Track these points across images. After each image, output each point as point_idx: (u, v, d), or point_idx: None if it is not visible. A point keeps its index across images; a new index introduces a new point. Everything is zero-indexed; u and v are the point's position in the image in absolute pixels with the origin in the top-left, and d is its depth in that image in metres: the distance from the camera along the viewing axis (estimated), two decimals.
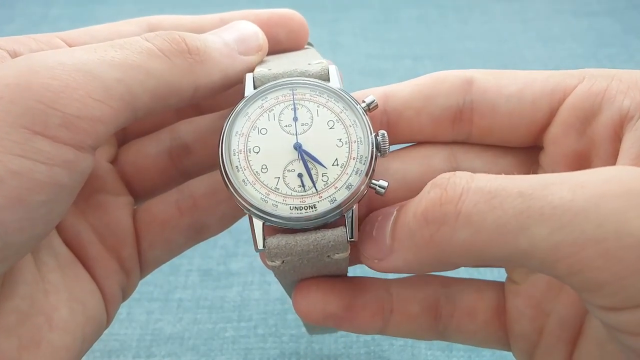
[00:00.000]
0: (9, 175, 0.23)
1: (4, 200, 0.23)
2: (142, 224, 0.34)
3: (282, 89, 0.30)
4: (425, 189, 0.24)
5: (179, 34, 0.28)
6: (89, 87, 0.24)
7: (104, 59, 0.25)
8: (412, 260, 0.25)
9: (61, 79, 0.24)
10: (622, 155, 0.26)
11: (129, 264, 0.33)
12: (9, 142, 0.23)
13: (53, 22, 0.80)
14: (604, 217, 0.20)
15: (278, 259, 0.28)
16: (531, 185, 0.22)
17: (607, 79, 0.28)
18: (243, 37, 0.31)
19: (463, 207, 0.22)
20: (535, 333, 0.30)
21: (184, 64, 0.28)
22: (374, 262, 0.28)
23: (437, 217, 0.23)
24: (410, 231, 0.24)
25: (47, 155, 0.23)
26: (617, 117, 0.27)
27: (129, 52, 0.26)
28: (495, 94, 0.30)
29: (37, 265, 0.28)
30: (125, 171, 0.35)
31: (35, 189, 0.23)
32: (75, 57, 0.25)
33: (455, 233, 0.23)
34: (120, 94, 0.25)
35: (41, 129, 0.23)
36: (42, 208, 0.24)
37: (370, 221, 0.28)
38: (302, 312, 0.30)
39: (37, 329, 0.27)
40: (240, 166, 0.28)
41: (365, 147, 0.29)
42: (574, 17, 0.80)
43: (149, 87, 0.26)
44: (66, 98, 0.24)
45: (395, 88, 0.31)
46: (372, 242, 0.28)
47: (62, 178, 0.24)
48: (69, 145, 0.24)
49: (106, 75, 0.25)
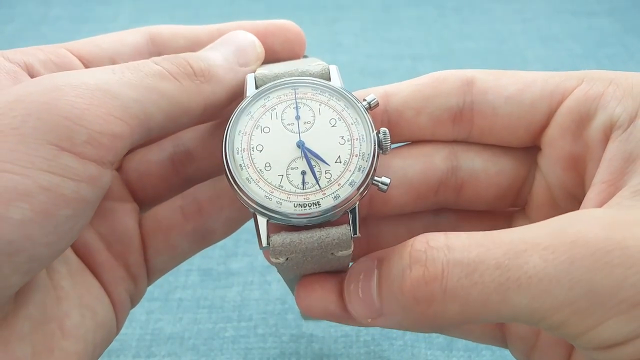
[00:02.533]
0: (39, 191, 0.23)
1: (34, 215, 0.23)
2: (148, 230, 0.34)
3: (284, 88, 0.30)
4: (405, 261, 0.25)
5: (183, 57, 0.29)
6: (110, 106, 0.25)
7: (122, 80, 0.26)
8: (406, 325, 0.27)
9: (85, 97, 0.25)
10: (602, 169, 0.26)
11: (135, 271, 0.33)
12: (37, 159, 0.23)
13: (53, 22, 0.80)
14: (575, 282, 0.22)
15: (282, 256, 0.28)
16: (506, 255, 0.23)
17: (605, 83, 0.28)
18: (241, 48, 0.32)
19: (448, 284, 0.24)
20: (533, 335, 0.30)
21: (191, 85, 0.29)
22: (367, 321, 0.28)
23: (425, 296, 0.24)
24: (401, 304, 0.25)
25: (74, 172, 0.24)
26: (608, 124, 0.27)
27: (144, 74, 0.27)
28: (495, 95, 0.30)
29: (49, 273, 0.29)
30: (130, 178, 0.35)
31: (63, 204, 0.24)
32: (97, 78, 0.26)
33: (446, 308, 0.24)
34: (136, 113, 0.26)
35: (68, 146, 0.24)
36: (68, 223, 0.25)
37: (353, 279, 0.28)
38: (304, 309, 0.31)
39: (50, 336, 0.27)
40: (243, 164, 0.28)
41: (368, 145, 0.29)
42: (574, 17, 0.80)
43: (162, 108, 0.27)
44: (90, 115, 0.25)
45: (396, 88, 0.31)
46: (360, 303, 0.28)
47: (87, 193, 0.25)
48: (92, 161, 0.25)
49: (124, 95, 0.26)
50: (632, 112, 0.26)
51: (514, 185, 0.32)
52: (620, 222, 0.23)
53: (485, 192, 0.32)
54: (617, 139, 0.26)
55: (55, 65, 0.30)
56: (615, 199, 0.25)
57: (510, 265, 0.23)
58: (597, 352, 0.23)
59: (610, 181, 0.26)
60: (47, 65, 0.30)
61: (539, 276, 0.22)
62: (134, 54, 0.33)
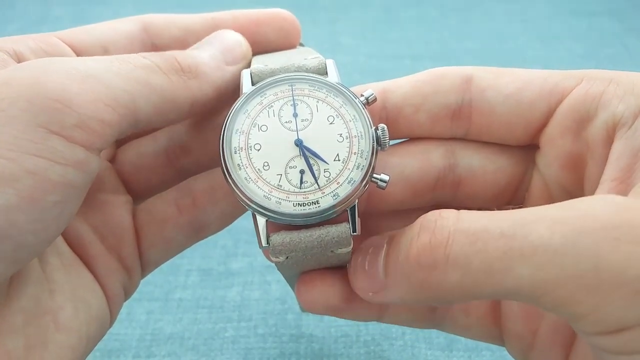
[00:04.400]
0: (25, 175, 0.23)
1: (19, 200, 0.23)
2: (142, 222, 0.34)
3: (281, 85, 0.30)
4: (415, 230, 0.25)
5: (171, 53, 0.29)
6: (100, 92, 0.25)
7: (111, 70, 0.26)
8: (407, 297, 0.26)
9: (76, 81, 0.25)
10: (609, 167, 0.26)
11: (129, 263, 0.33)
12: (25, 142, 0.23)
13: (53, 22, 0.80)
14: (581, 254, 0.21)
15: (282, 255, 0.28)
16: (512, 225, 0.23)
17: (604, 82, 0.28)
18: (227, 47, 0.32)
19: (451, 251, 0.23)
20: (530, 334, 0.30)
21: (179, 80, 0.29)
22: (368, 294, 0.28)
23: (428, 262, 0.24)
24: (404, 272, 0.25)
25: (62, 155, 0.24)
26: (610, 122, 0.27)
27: (133, 66, 0.27)
28: (494, 93, 0.30)
29: (41, 265, 0.28)
30: (124, 171, 0.35)
31: (49, 189, 0.24)
32: (88, 65, 0.26)
33: (446, 276, 0.23)
34: (125, 102, 0.26)
35: (57, 128, 0.24)
36: (55, 209, 0.24)
37: (361, 253, 0.29)
38: (305, 304, 0.31)
39: (43, 329, 0.27)
40: (241, 164, 0.28)
41: (366, 142, 0.29)
42: (574, 17, 0.80)
43: (150, 100, 0.27)
44: (81, 100, 0.24)
45: (394, 84, 0.31)
46: (365, 276, 0.28)
47: (74, 178, 0.25)
48: (81, 145, 0.24)
49: (114, 84, 0.26)
50: (635, 109, 0.26)
51: (511, 183, 0.32)
52: (632, 205, 0.22)
53: (483, 189, 0.32)
54: (622, 136, 0.26)
55: (46, 53, 0.30)
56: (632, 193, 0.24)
57: (516, 234, 0.22)
58: (603, 337, 0.22)
59: (619, 178, 0.25)
60: (37, 53, 0.29)
61: (544, 246, 0.22)
62: (126, 42, 0.33)
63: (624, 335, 0.22)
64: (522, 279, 0.22)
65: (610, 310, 0.21)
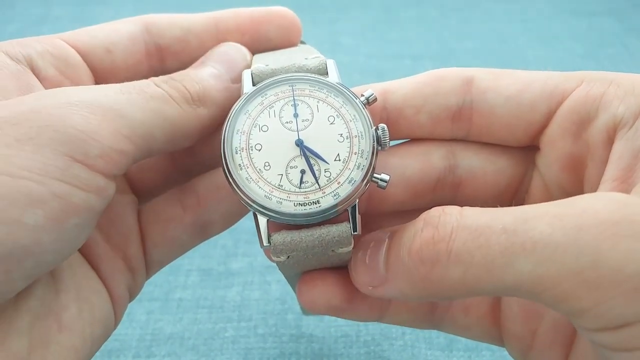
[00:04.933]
0: (52, 198, 0.24)
1: (46, 222, 0.24)
2: (147, 223, 0.34)
3: (282, 85, 0.30)
4: (418, 225, 0.25)
5: (180, 81, 0.30)
6: (120, 124, 0.26)
7: (130, 101, 0.27)
8: (408, 291, 0.26)
9: (98, 114, 0.26)
10: (610, 167, 0.26)
11: (134, 263, 0.33)
12: (52, 168, 0.24)
13: (53, 22, 0.80)
14: (581, 250, 0.21)
15: (283, 254, 0.28)
16: (514, 221, 0.23)
17: (605, 83, 0.28)
18: (233, 64, 0.32)
19: (454, 246, 0.23)
20: (529, 335, 0.30)
21: (189, 109, 0.29)
22: (368, 288, 0.28)
23: (431, 257, 0.24)
24: (405, 266, 0.25)
25: (85, 182, 0.25)
26: (611, 124, 0.27)
27: (149, 97, 0.28)
28: (495, 94, 0.30)
29: None
30: (129, 171, 0.35)
31: (73, 212, 0.25)
32: (108, 96, 0.27)
33: (448, 271, 0.24)
34: (142, 133, 0.27)
35: (82, 158, 0.25)
36: (75, 231, 0.26)
37: (362, 247, 0.29)
38: (306, 304, 0.31)
39: (46, 330, 0.27)
40: (242, 164, 0.28)
41: (366, 142, 0.29)
42: (574, 17, 0.80)
43: (164, 130, 0.28)
44: (103, 131, 0.26)
45: (396, 85, 0.31)
46: (365, 269, 0.28)
47: (94, 203, 0.26)
48: (101, 173, 0.26)
49: (132, 116, 0.27)
50: (636, 110, 0.26)
51: (511, 185, 0.32)
52: (631, 201, 0.23)
53: (483, 191, 0.32)
54: (623, 137, 0.26)
55: (52, 57, 0.30)
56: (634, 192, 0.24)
57: (517, 230, 0.22)
58: (603, 334, 0.22)
59: (620, 178, 0.26)
60: (44, 57, 0.30)
61: (545, 242, 0.22)
62: (128, 43, 0.33)
63: (624, 332, 0.22)
64: (523, 275, 0.22)
65: (610, 306, 0.21)
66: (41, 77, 0.30)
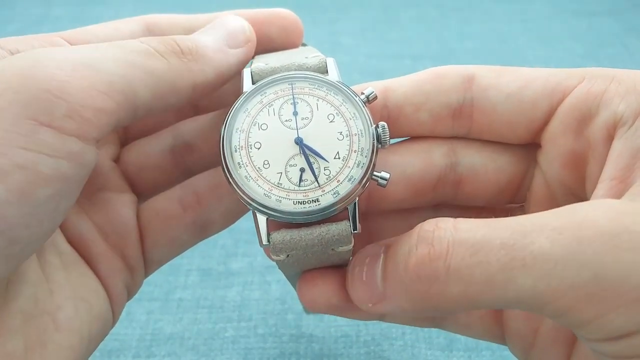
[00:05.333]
0: (14, 169, 0.22)
1: (9, 195, 0.22)
2: (146, 221, 0.34)
3: (281, 83, 0.30)
4: (413, 241, 0.25)
5: (171, 37, 0.29)
6: (94, 80, 0.24)
7: (106, 56, 0.26)
8: (407, 307, 0.26)
9: (67, 69, 0.24)
10: (609, 166, 0.26)
11: (133, 262, 0.33)
12: (14, 135, 0.22)
13: (53, 23, 0.80)
14: (582, 264, 0.21)
15: (283, 253, 0.28)
16: (512, 235, 0.23)
17: (606, 80, 0.28)
18: (230, 31, 0.32)
19: (452, 262, 0.23)
20: (531, 333, 0.30)
21: (179, 63, 0.28)
22: (368, 305, 0.28)
23: (428, 274, 0.24)
24: (403, 284, 0.25)
25: (53, 147, 0.23)
26: (611, 121, 0.27)
27: (129, 51, 0.26)
28: (496, 91, 0.30)
29: (41, 265, 0.28)
30: (128, 170, 0.35)
31: (41, 182, 0.23)
32: (80, 53, 0.25)
33: (448, 288, 0.23)
34: (122, 88, 0.25)
35: (47, 120, 0.23)
36: (48, 203, 0.24)
37: (358, 263, 0.28)
38: (307, 303, 0.31)
39: (42, 329, 0.27)
40: (242, 162, 0.28)
41: (366, 140, 0.29)
42: (574, 17, 0.80)
43: (149, 85, 0.26)
44: (71, 88, 0.24)
45: (396, 83, 0.31)
46: (363, 287, 0.28)
47: (67, 171, 0.24)
48: (73, 136, 0.24)
49: (109, 70, 0.25)
50: (636, 109, 0.26)
51: (513, 182, 0.31)
52: (630, 209, 0.23)
53: (484, 188, 0.31)
54: (622, 135, 0.26)
55: None
56: (627, 195, 0.24)
57: (516, 245, 0.22)
58: (604, 343, 0.22)
59: (618, 178, 0.25)
60: None
61: (545, 257, 0.22)
62: None
63: (624, 342, 0.22)
64: (524, 290, 0.22)
65: (611, 318, 0.21)
66: None
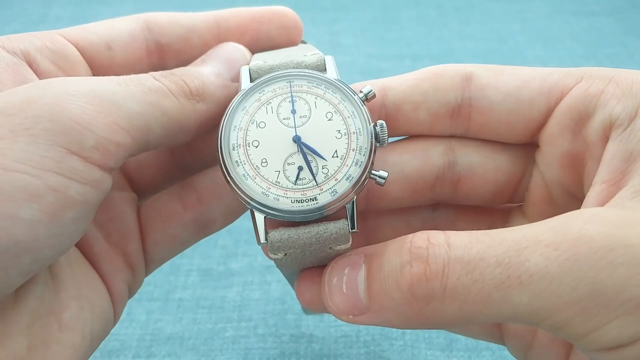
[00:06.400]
0: (48, 192, 0.24)
1: (42, 216, 0.24)
2: (147, 220, 0.34)
3: (279, 81, 0.30)
4: (404, 257, 0.24)
5: (180, 75, 0.30)
6: (116, 116, 0.26)
7: (127, 93, 0.27)
8: (397, 323, 0.26)
9: (95, 104, 0.25)
10: (602, 168, 0.26)
11: (134, 260, 0.33)
12: (49, 160, 0.24)
13: (53, 23, 0.80)
14: (578, 281, 0.22)
15: (281, 251, 0.28)
16: (507, 252, 0.23)
17: (604, 80, 0.27)
18: (232, 62, 0.32)
19: (448, 282, 0.23)
20: (529, 333, 0.30)
21: (188, 104, 0.29)
22: (348, 317, 0.27)
23: (424, 294, 0.24)
24: (394, 300, 0.25)
25: (81, 174, 0.25)
26: (607, 122, 0.27)
27: (147, 89, 0.28)
28: (494, 91, 0.30)
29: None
30: (129, 168, 0.35)
31: (69, 205, 0.24)
32: (105, 87, 0.27)
33: (444, 307, 0.24)
34: (139, 125, 0.27)
35: (77, 149, 0.25)
36: (72, 225, 0.25)
37: (335, 272, 0.28)
38: (305, 302, 0.31)
39: (47, 329, 0.27)
40: (240, 161, 0.28)
41: (365, 138, 0.29)
42: (574, 17, 0.80)
43: (162, 123, 0.28)
44: (99, 122, 0.25)
45: (394, 81, 0.31)
46: (343, 298, 0.27)
47: (91, 196, 0.25)
48: (97, 165, 0.25)
49: (130, 108, 0.27)
50: (632, 111, 0.26)
51: (511, 182, 0.31)
52: (623, 221, 0.23)
53: (482, 187, 0.31)
54: (616, 138, 0.26)
55: (50, 51, 0.30)
56: (616, 199, 0.24)
57: (511, 262, 0.23)
58: (600, 353, 0.23)
59: (610, 181, 0.26)
60: (42, 51, 0.30)
61: (541, 274, 0.22)
62: (129, 40, 0.33)
63: (620, 352, 0.22)
64: (520, 307, 0.23)
65: (607, 330, 0.22)
66: (39, 71, 0.29)
